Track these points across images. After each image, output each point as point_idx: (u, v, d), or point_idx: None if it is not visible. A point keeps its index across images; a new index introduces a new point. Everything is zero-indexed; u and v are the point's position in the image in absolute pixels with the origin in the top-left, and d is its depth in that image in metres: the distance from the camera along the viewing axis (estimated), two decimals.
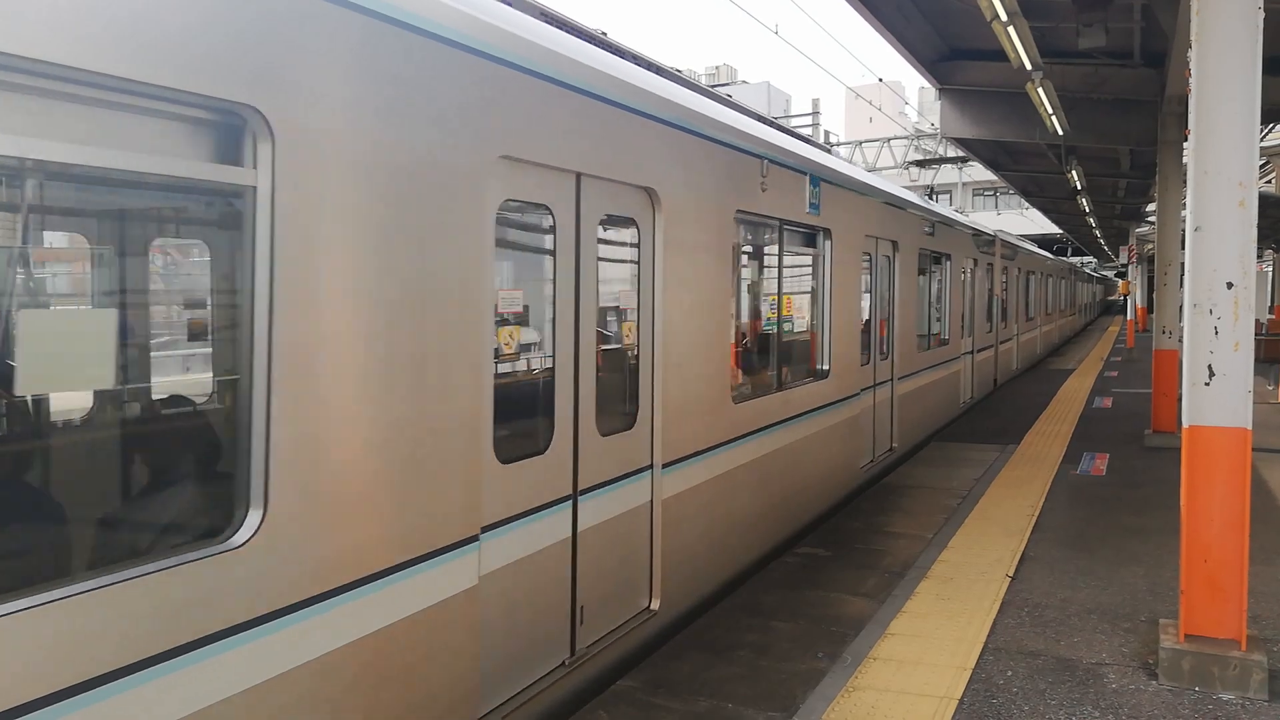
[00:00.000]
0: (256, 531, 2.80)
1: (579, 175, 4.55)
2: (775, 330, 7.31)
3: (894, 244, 10.06)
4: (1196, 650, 4.68)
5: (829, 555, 6.93)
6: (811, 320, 8.08)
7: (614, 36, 6.19)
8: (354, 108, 3.14)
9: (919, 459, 10.75)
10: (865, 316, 9.31)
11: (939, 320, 13.05)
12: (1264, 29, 4.56)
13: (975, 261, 14.87)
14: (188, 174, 2.71)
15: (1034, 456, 10.88)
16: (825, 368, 8.01)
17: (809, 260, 8.01)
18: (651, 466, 5.25)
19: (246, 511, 2.83)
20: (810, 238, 7.83)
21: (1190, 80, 4.68)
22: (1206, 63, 4.62)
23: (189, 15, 2.60)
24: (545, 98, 4.17)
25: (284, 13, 2.89)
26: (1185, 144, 5.02)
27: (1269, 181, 25.33)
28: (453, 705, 3.69)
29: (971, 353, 15.13)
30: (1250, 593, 4.76)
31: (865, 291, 9.25)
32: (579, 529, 4.59)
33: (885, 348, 10.05)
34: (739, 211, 6.16)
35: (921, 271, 11.31)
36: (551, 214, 4.38)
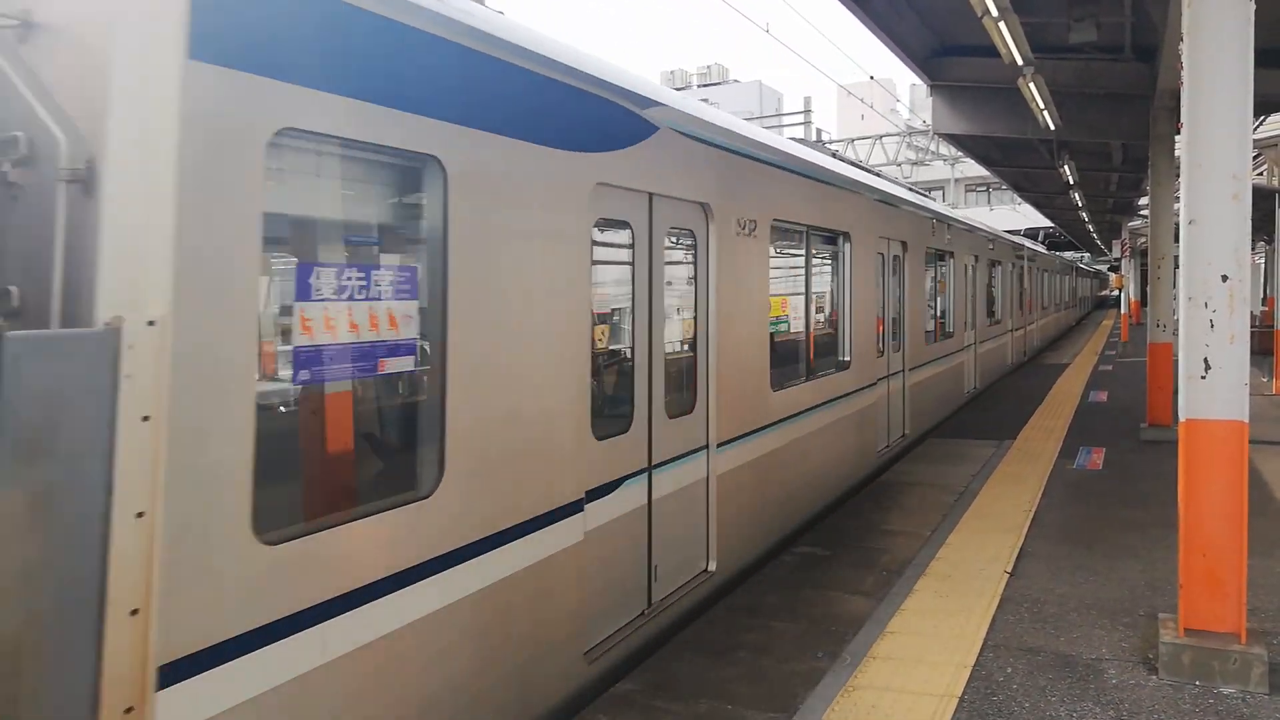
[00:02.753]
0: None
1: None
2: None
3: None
4: (1196, 644, 4.67)
5: (827, 554, 6.92)
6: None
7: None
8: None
9: (915, 455, 10.74)
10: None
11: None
12: (1255, 21, 4.55)
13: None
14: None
15: (1030, 452, 10.88)
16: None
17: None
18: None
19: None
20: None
21: (1182, 74, 4.68)
22: (1198, 56, 4.62)
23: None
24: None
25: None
26: (1177, 138, 5.02)
27: (1261, 174, 25.42)
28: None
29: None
30: (1249, 585, 4.75)
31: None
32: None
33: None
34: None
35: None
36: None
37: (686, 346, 5.92)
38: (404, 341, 3.57)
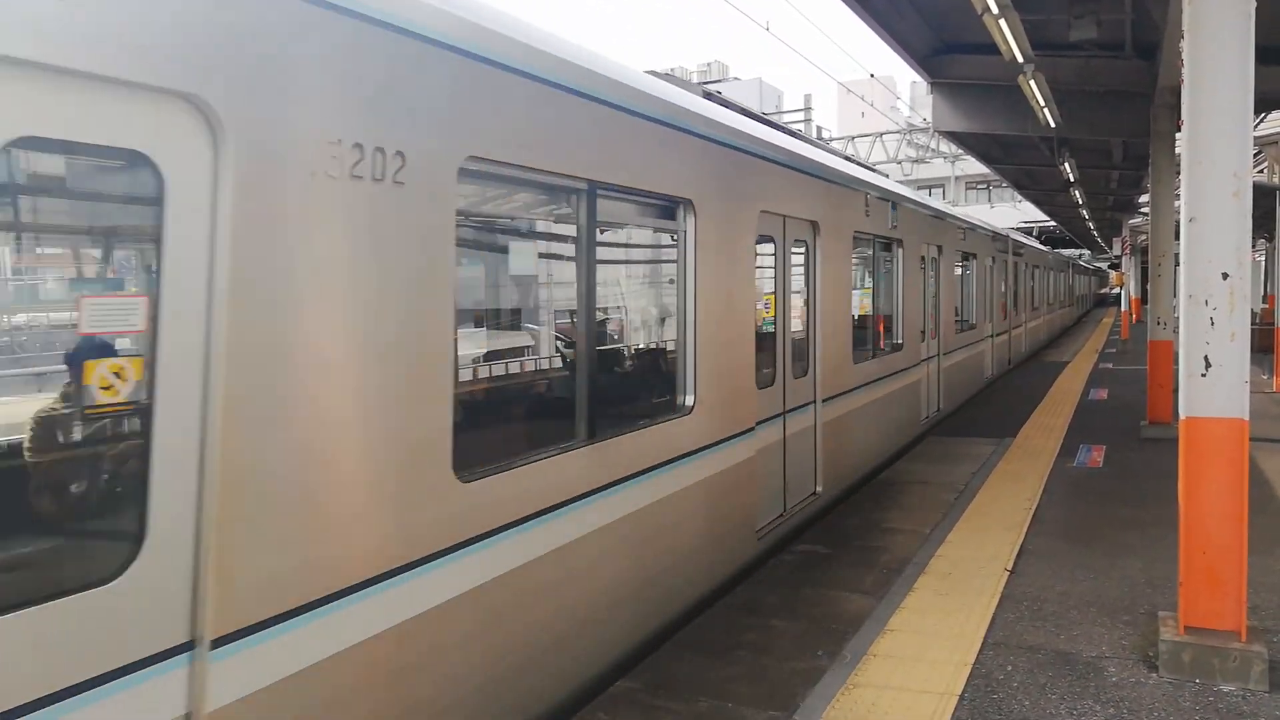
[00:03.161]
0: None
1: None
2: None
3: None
4: (1196, 642, 4.67)
5: (828, 553, 6.92)
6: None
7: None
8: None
9: (914, 454, 10.74)
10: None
11: None
12: (1256, 18, 4.54)
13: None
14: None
15: (1030, 450, 10.87)
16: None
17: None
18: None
19: None
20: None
21: (1183, 71, 4.67)
22: (1199, 53, 4.61)
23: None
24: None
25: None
26: (1178, 135, 5.01)
27: (1262, 171, 25.40)
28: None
29: None
30: (1249, 583, 4.74)
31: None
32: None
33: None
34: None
35: None
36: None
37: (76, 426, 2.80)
38: None
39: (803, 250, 7.72)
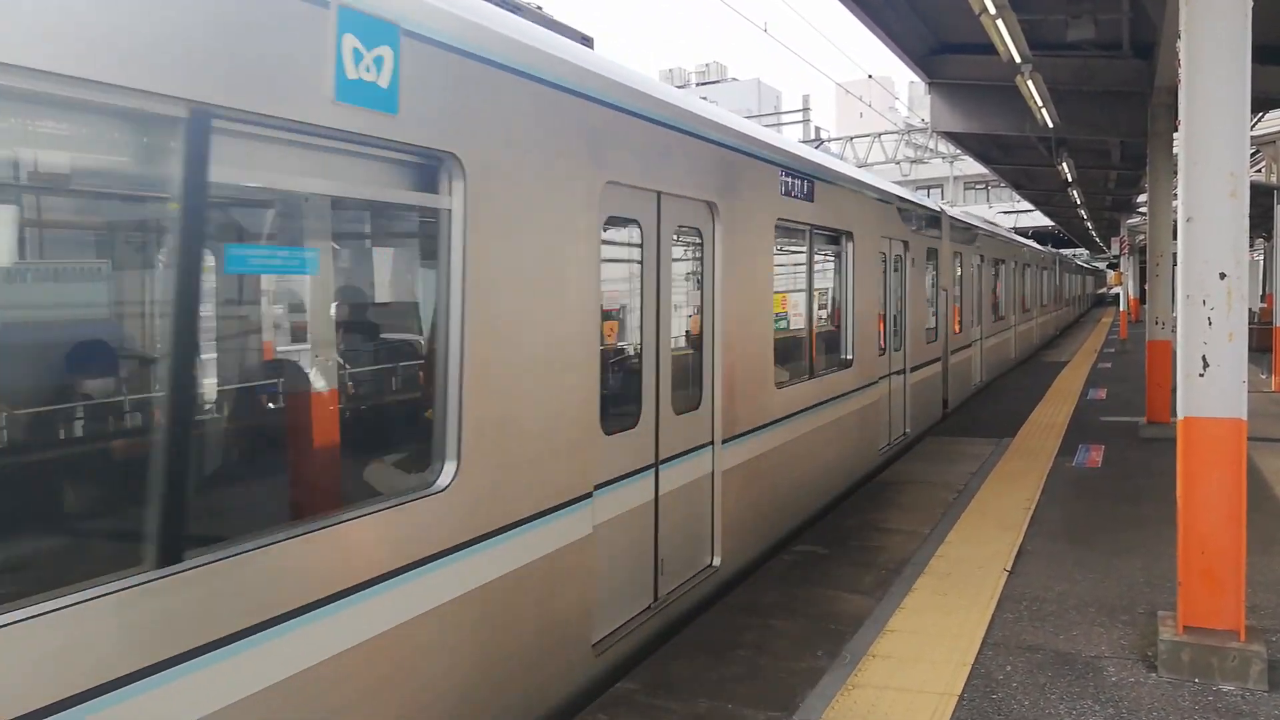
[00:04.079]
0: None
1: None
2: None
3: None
4: (1195, 642, 4.67)
5: (826, 553, 6.92)
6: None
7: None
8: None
9: (913, 454, 10.74)
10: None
11: None
12: (1253, 17, 4.55)
13: None
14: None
15: (1029, 450, 10.88)
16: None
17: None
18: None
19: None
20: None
21: (1180, 71, 4.67)
22: (1196, 52, 4.61)
23: None
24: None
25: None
26: (1175, 135, 5.02)
27: (1259, 170, 25.41)
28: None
29: None
30: (1247, 583, 4.75)
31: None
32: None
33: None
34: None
35: None
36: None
37: None
38: None
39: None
